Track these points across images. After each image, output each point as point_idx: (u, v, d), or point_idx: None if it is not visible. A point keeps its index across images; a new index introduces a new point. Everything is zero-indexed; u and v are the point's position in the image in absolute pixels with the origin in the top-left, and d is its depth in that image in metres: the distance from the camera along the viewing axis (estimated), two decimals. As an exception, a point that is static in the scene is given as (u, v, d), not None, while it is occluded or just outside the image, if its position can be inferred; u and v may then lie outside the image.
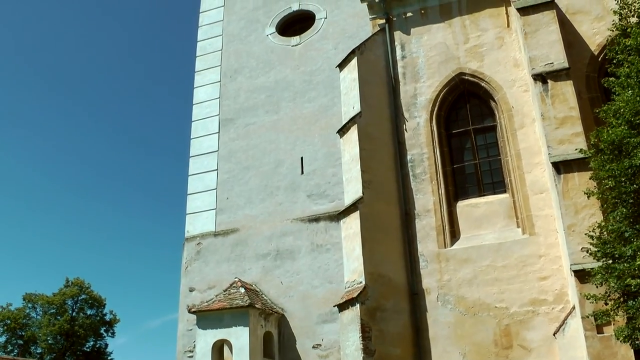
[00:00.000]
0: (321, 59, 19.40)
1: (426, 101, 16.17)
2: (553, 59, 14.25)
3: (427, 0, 17.24)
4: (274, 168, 18.67)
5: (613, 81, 11.15)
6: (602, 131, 10.64)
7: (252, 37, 21.11)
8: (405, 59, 16.81)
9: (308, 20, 20.54)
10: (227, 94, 20.45)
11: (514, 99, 15.33)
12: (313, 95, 19.01)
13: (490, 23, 16.37)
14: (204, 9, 22.63)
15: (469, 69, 16.09)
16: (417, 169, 15.70)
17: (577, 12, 15.39)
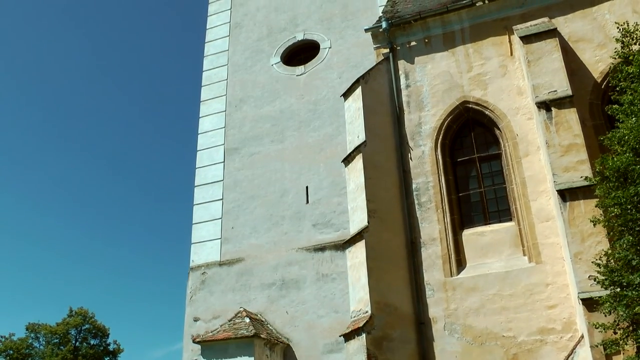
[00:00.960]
0: (326, 88, 19.54)
1: (431, 129, 16.22)
2: (556, 86, 14.30)
3: (430, 29, 17.37)
4: (279, 197, 18.70)
5: (617, 108, 11.18)
6: (607, 158, 10.63)
7: (257, 66, 21.29)
8: (410, 88, 16.90)
9: (312, 49, 20.74)
10: (232, 124, 20.57)
11: (519, 126, 15.35)
12: (318, 124, 19.11)
13: (494, 51, 16.46)
14: (209, 39, 22.89)
15: (473, 97, 16.15)
16: (422, 197, 15.69)
17: (579, 39, 15.49)
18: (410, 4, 18.71)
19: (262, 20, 22.35)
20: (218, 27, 23.05)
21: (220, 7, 23.50)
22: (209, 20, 23.42)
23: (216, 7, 23.62)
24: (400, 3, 19.11)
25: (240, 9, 23.10)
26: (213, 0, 23.87)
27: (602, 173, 10.85)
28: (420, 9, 17.65)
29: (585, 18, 15.69)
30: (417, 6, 18.16)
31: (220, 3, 23.61)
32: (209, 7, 23.76)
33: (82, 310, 42.65)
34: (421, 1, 18.60)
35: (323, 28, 20.89)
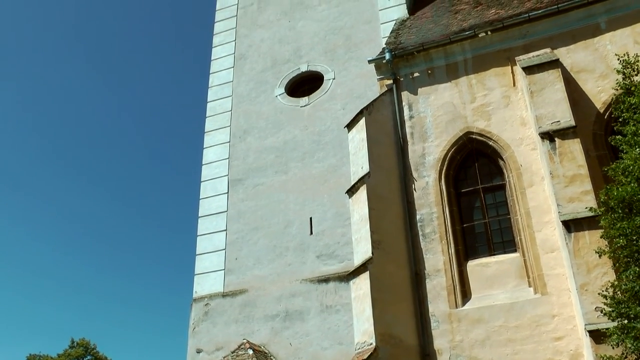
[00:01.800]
0: (330, 119, 19.60)
1: (434, 160, 16.24)
2: (559, 117, 14.35)
3: (433, 60, 17.48)
4: (283, 228, 18.65)
5: (620, 139, 11.21)
6: (612, 189, 10.62)
7: (261, 97, 21.40)
8: (413, 119, 16.97)
9: (316, 80, 20.84)
10: (236, 155, 20.60)
11: (522, 157, 15.36)
12: (322, 155, 19.13)
13: (496, 82, 16.55)
14: (214, 70, 23.04)
15: (476, 128, 16.20)
16: (426, 228, 15.65)
17: (581, 70, 15.58)
18: (413, 35, 18.87)
19: (266, 51, 22.51)
20: (223, 58, 23.21)
21: (225, 38, 23.69)
22: (214, 52, 23.60)
23: (221, 38, 23.81)
24: (403, 34, 19.27)
25: (245, 41, 23.29)
26: (218, 32, 24.06)
27: (607, 204, 10.83)
28: (423, 40, 17.79)
29: (587, 49, 15.81)
30: (420, 37, 18.31)
31: (225, 34, 23.81)
32: (214, 39, 23.95)
33: (83, 341, 42.34)
34: (424, 32, 18.76)
35: (327, 59, 21.03)
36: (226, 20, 24.25)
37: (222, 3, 24.74)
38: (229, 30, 23.88)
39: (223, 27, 24.06)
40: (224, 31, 23.93)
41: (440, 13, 20.10)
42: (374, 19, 21.21)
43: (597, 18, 16.00)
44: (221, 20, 24.31)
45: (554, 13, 16.29)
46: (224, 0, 24.82)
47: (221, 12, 24.53)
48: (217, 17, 24.50)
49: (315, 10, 22.59)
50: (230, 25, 24.03)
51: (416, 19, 20.33)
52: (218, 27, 24.18)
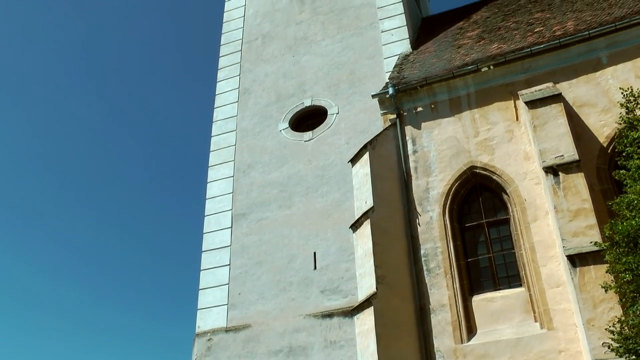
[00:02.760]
0: (333, 153, 19.65)
1: (438, 195, 16.22)
2: (563, 151, 14.36)
3: (436, 95, 17.57)
4: (286, 263, 18.58)
5: (624, 174, 11.20)
6: (617, 223, 10.59)
7: (265, 132, 21.48)
8: (417, 153, 17.00)
9: (320, 115, 20.94)
10: (240, 189, 20.62)
11: (526, 191, 15.34)
12: (325, 190, 19.13)
13: (500, 116, 16.60)
14: (218, 104, 23.18)
15: (480, 162, 16.21)
16: (431, 263, 15.57)
17: (583, 104, 15.63)
18: (416, 69, 19.00)
19: (270, 86, 22.67)
20: (227, 92, 23.37)
21: (230, 73, 23.89)
22: (218, 86, 23.77)
23: (225, 73, 24.01)
24: (406, 69, 19.41)
25: (249, 75, 23.47)
26: (222, 67, 24.27)
27: (612, 238, 10.79)
28: (426, 75, 17.90)
29: (589, 83, 15.89)
30: (423, 72, 18.43)
31: (230, 69, 24.01)
32: (219, 73, 24.15)
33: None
34: (427, 67, 18.88)
35: (330, 94, 21.16)
36: (231, 54, 24.49)
37: (227, 38, 25.02)
38: (233, 64, 24.10)
39: (227, 62, 24.28)
40: (228, 66, 24.14)
41: (443, 47, 20.27)
42: (378, 53, 21.40)
43: (598, 53, 16.11)
44: (226, 55, 24.55)
45: (555, 47, 16.42)
46: (228, 35, 25.10)
47: (226, 47, 24.79)
48: (222, 51, 24.75)
49: (319, 45, 22.81)
50: (234, 59, 24.25)
51: (419, 54, 20.50)
52: (222, 62, 24.42)
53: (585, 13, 18.04)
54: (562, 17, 18.56)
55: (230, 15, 25.82)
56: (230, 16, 25.77)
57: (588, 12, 18.06)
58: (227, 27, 25.46)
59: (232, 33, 25.11)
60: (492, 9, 22.36)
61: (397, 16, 22.12)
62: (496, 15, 21.49)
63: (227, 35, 25.20)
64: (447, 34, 21.54)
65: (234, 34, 25.03)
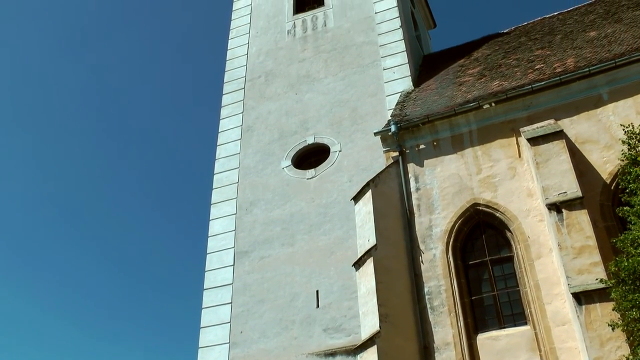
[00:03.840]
0: (336, 191, 19.62)
1: (441, 232, 16.15)
2: (566, 188, 14.33)
3: (439, 132, 17.61)
4: (289, 301, 18.43)
5: (628, 210, 11.18)
6: (622, 260, 10.54)
7: (268, 169, 21.50)
8: (420, 191, 16.97)
9: (323, 153, 20.98)
10: (242, 227, 20.56)
11: (530, 228, 15.27)
12: (328, 227, 19.07)
13: (502, 153, 16.60)
14: (221, 142, 23.23)
15: (483, 199, 16.17)
16: (434, 301, 15.43)
17: (585, 141, 15.64)
18: (418, 107, 19.07)
19: (273, 123, 22.75)
20: (230, 130, 23.44)
21: (233, 110, 23.99)
22: (221, 124, 23.85)
23: (228, 110, 24.11)
24: (408, 106, 19.48)
25: (252, 113, 23.58)
26: (225, 104, 24.38)
27: (618, 275, 10.73)
28: (428, 112, 17.96)
29: (590, 120, 15.92)
30: (425, 109, 18.49)
31: (233, 107, 24.12)
32: (222, 111, 24.25)
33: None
34: (429, 104, 18.96)
35: (333, 131, 21.23)
36: (234, 92, 24.63)
37: (230, 75, 25.20)
38: (236, 102, 24.22)
39: (231, 100, 24.41)
40: (231, 103, 24.27)
41: (445, 85, 20.38)
42: (380, 91, 21.52)
43: (599, 89, 16.18)
44: (229, 93, 24.69)
45: (556, 84, 16.50)
46: (232, 72, 25.29)
47: (229, 85, 24.96)
48: (225, 89, 24.90)
49: (322, 83, 22.95)
50: (238, 97, 24.39)
51: (421, 91, 20.60)
52: (226, 100, 24.54)
53: (585, 50, 18.17)
54: (563, 54, 18.69)
55: (233, 53, 26.07)
56: (233, 54, 26.01)
57: (588, 49, 18.19)
58: (231, 65, 25.67)
59: (236, 71, 25.30)
60: (492, 47, 22.55)
61: (398, 54, 22.30)
62: (497, 52, 21.65)
63: (230, 73, 25.39)
64: (448, 72, 21.68)
65: (238, 72, 25.22)
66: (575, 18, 21.93)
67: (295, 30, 25.40)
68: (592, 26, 20.25)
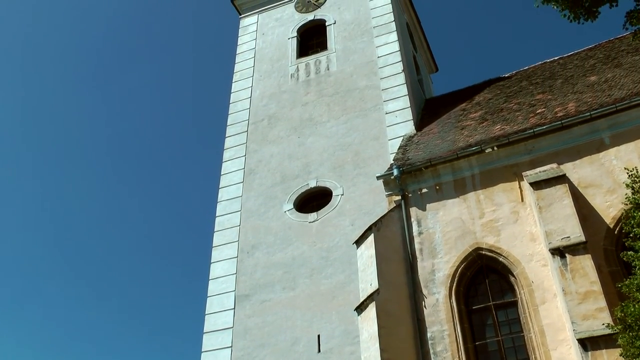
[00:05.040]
0: (338, 235, 19.55)
1: (444, 277, 16.01)
2: (569, 232, 14.25)
3: (441, 176, 17.59)
4: (290, 346, 18.19)
5: (632, 255, 11.08)
6: (628, 306, 10.41)
7: (270, 212, 21.45)
8: (422, 235, 16.88)
9: (325, 196, 20.95)
10: (243, 270, 20.43)
11: (534, 273, 15.13)
12: (330, 271, 18.94)
13: (505, 197, 16.55)
14: (223, 184, 23.23)
15: (486, 243, 16.07)
16: (438, 346, 15.21)
17: (588, 185, 15.60)
18: (420, 151, 19.10)
19: (275, 167, 22.78)
20: (232, 173, 23.47)
21: (235, 153, 24.05)
22: (224, 166, 23.89)
23: (231, 153, 24.18)
24: (410, 150, 19.52)
25: (255, 156, 23.63)
26: (228, 147, 24.46)
27: (624, 321, 10.58)
28: (431, 156, 17.98)
29: (593, 164, 15.91)
30: (428, 153, 18.52)
31: (236, 149, 24.18)
32: (224, 154, 24.31)
33: None
34: (431, 148, 19.00)
35: (335, 175, 21.24)
36: (237, 135, 24.72)
37: (234, 118, 25.33)
38: (239, 145, 24.30)
39: (233, 142, 24.49)
40: (234, 146, 24.34)
41: (447, 129, 20.45)
42: (382, 135, 21.59)
43: (601, 133, 16.22)
44: (232, 136, 24.78)
45: (558, 129, 16.54)
46: (235, 115, 25.43)
47: (232, 128, 25.06)
48: (228, 132, 25.01)
49: (325, 127, 23.05)
50: (240, 140, 24.47)
51: (423, 135, 20.67)
52: (228, 142, 24.63)
53: (586, 94, 18.27)
54: (564, 98, 18.79)
55: (237, 96, 26.24)
56: (237, 97, 26.19)
57: (588, 93, 18.30)
58: (234, 108, 25.82)
59: (239, 114, 25.43)
60: (494, 91, 22.70)
61: (401, 98, 22.44)
62: (498, 96, 21.79)
63: (233, 115, 25.52)
64: (450, 116, 21.78)
65: (241, 115, 25.35)
66: (575, 63, 22.13)
67: (298, 73, 25.63)
68: (592, 71, 20.42)
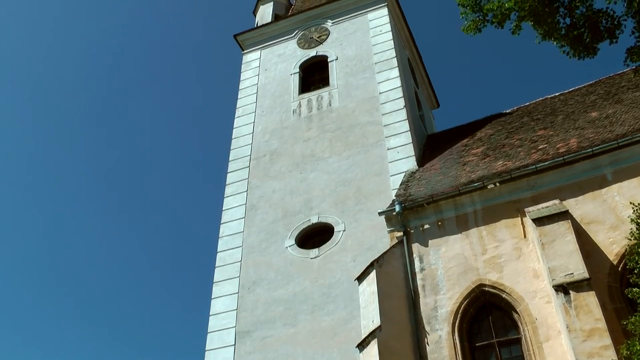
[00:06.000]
0: (340, 271, 19.44)
1: (447, 313, 15.86)
2: (573, 269, 14.14)
3: (443, 212, 17.52)
4: (291, 383, 18.02)
5: (637, 292, 11.01)
6: (633, 344, 10.30)
7: (271, 248, 21.37)
8: (424, 271, 16.77)
9: (327, 232, 20.90)
10: (244, 306, 20.28)
11: (537, 310, 14.97)
12: (332, 308, 18.79)
13: (507, 233, 16.47)
14: (225, 220, 23.19)
15: (488, 280, 15.94)
16: (441, 384, 15.01)
17: (591, 221, 15.53)
18: (422, 187, 19.08)
19: (277, 202, 22.76)
20: (234, 208, 23.44)
21: (237, 189, 24.05)
22: (225, 202, 23.87)
23: (233, 188, 24.17)
24: (412, 186, 19.50)
25: (256, 191, 23.63)
26: (230, 182, 24.47)
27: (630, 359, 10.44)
28: (433, 192, 17.94)
29: (595, 200, 15.86)
30: (430, 189, 18.48)
31: (237, 185, 24.19)
32: (226, 189, 24.32)
33: None
34: (433, 184, 18.97)
35: (337, 211, 21.20)
36: (239, 170, 24.76)
37: (236, 154, 25.40)
38: (241, 180, 24.32)
39: (235, 178, 24.52)
40: (236, 182, 24.36)
41: (449, 165, 20.45)
42: (384, 171, 21.61)
43: (603, 169, 16.19)
44: (234, 171, 24.82)
45: (560, 165, 16.52)
46: (237, 151, 25.50)
47: (234, 163, 25.11)
48: (230, 167, 25.05)
49: (326, 163, 23.07)
50: (242, 175, 24.50)
51: (425, 171, 20.67)
52: (230, 178, 24.66)
53: (588, 130, 18.30)
54: (565, 134, 18.82)
55: (239, 131, 26.35)
56: (239, 132, 26.30)
57: (590, 129, 18.33)
58: (236, 143, 25.92)
59: (241, 149, 25.52)
60: (495, 127, 22.75)
61: (402, 134, 22.51)
62: (500, 132, 21.83)
63: (235, 151, 25.60)
64: (452, 151, 21.80)
65: (243, 150, 25.44)
66: (576, 99, 22.22)
67: (300, 109, 25.75)
68: (593, 107, 20.49)
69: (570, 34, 13.42)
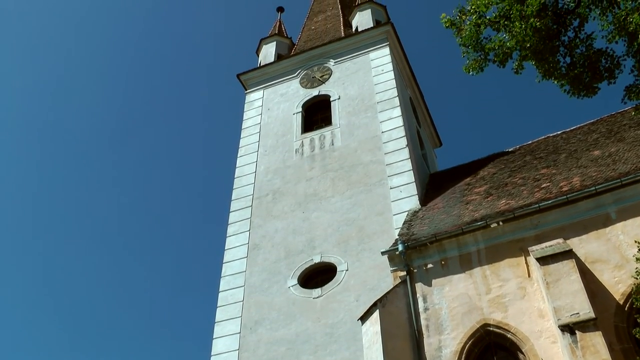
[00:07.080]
0: (343, 311, 19.28)
1: (451, 354, 15.64)
2: (578, 309, 13.99)
3: (446, 251, 17.43)
4: None
5: (644, 332, 10.86)
6: (641, 385, 10.14)
7: (273, 288, 21.23)
8: (428, 311, 16.60)
9: (329, 272, 20.78)
10: (246, 346, 20.07)
11: (543, 350, 14.77)
12: (334, 348, 18.58)
13: (511, 273, 16.35)
14: (227, 259, 23.08)
15: (493, 319, 15.77)
16: None
17: (595, 260, 15.42)
18: (425, 226, 19.02)
19: (279, 242, 22.68)
20: (236, 248, 23.35)
21: (240, 228, 23.99)
22: (228, 241, 23.80)
23: (235, 228, 24.11)
24: (415, 225, 19.44)
25: (259, 231, 23.55)
26: (232, 222, 24.41)
27: (640, 400, 10.29)
28: (436, 231, 17.87)
29: (599, 239, 15.76)
30: (433, 228, 18.42)
31: (240, 224, 24.13)
32: (228, 228, 24.25)
33: None
34: (436, 223, 18.91)
35: (340, 251, 21.11)
36: (241, 210, 24.73)
37: (238, 193, 25.39)
38: (243, 220, 24.26)
39: (238, 217, 24.47)
40: (238, 221, 24.30)
41: (452, 203, 20.41)
42: (387, 210, 21.56)
43: (607, 208, 16.12)
44: (236, 210, 24.78)
45: (563, 203, 16.46)
46: (239, 190, 25.50)
47: (236, 202, 25.09)
48: (232, 207, 25.02)
49: (329, 202, 23.04)
50: (245, 215, 24.45)
51: (428, 210, 20.62)
52: (233, 217, 24.61)
53: (590, 169, 18.29)
54: (568, 172, 18.81)
55: (242, 170, 26.39)
56: (242, 172, 26.33)
57: (593, 167, 18.32)
58: (239, 183, 25.93)
59: (244, 188, 25.52)
60: (498, 165, 22.76)
61: (405, 173, 22.52)
62: (503, 171, 21.83)
63: (238, 190, 25.60)
64: (455, 190, 21.78)
65: (245, 190, 25.43)
66: (578, 137, 22.26)
67: (303, 149, 25.83)
68: (595, 145, 20.51)
69: (571, 73, 13.48)
